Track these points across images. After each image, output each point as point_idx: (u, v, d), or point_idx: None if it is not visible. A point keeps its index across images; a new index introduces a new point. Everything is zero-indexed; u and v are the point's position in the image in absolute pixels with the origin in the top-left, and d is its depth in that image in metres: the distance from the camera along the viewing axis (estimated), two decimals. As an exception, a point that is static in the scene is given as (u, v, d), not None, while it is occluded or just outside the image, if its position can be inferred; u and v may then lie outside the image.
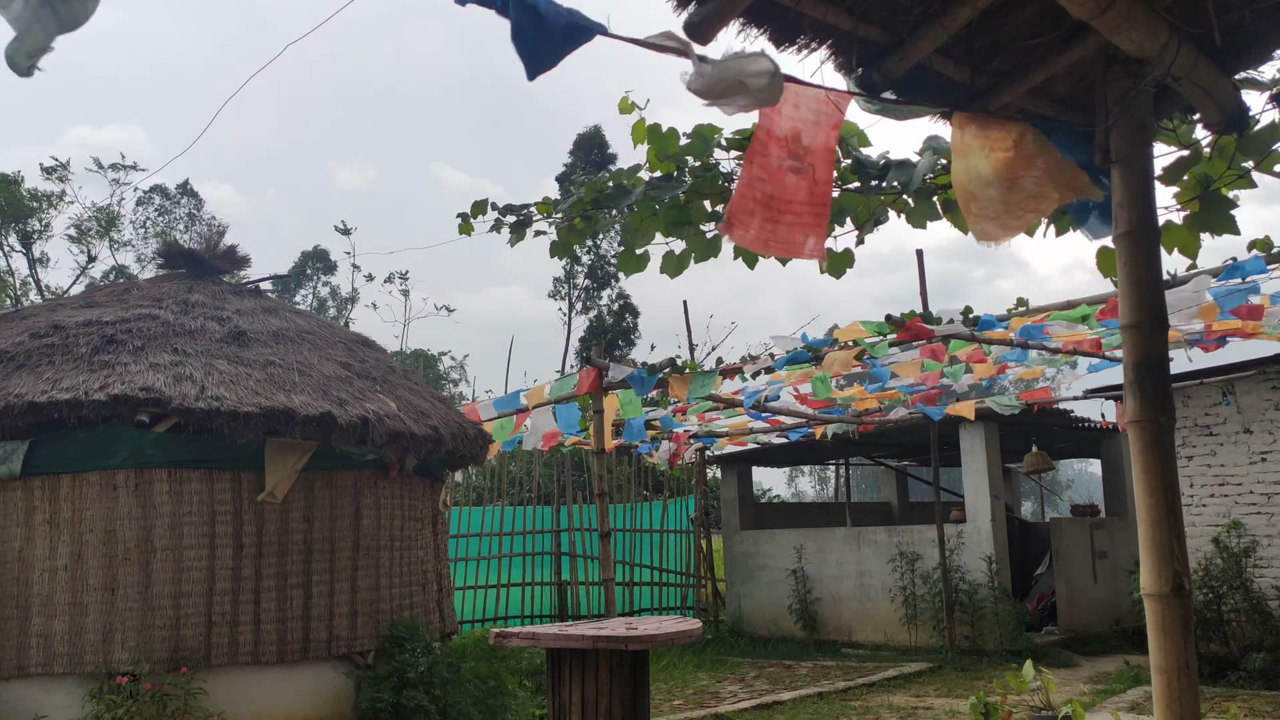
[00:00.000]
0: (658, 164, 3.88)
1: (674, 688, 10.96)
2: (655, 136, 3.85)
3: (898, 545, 13.71)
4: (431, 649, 7.85)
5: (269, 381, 7.67)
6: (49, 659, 7.04)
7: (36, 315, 8.34)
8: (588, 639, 5.20)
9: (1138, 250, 3.18)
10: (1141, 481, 3.07)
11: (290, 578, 7.58)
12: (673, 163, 3.85)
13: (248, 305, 8.92)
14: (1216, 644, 10.30)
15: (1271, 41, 3.23)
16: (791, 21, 2.98)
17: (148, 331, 7.92)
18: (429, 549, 8.86)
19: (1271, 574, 10.35)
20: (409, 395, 8.54)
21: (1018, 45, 3.13)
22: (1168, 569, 3.00)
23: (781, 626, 14.74)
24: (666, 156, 3.85)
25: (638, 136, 3.87)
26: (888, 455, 18.37)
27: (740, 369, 9.67)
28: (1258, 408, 10.63)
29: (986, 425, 13.02)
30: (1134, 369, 3.13)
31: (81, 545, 7.19)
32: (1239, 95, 3.37)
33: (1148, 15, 2.79)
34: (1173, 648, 3.00)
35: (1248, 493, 10.67)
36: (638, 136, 3.87)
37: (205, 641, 7.23)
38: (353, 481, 7.97)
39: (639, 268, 4.13)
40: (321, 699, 7.63)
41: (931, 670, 11.45)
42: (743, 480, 16.27)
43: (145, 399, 7.09)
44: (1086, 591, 13.68)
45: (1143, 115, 3.21)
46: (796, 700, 9.76)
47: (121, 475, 7.27)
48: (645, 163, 3.93)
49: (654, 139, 3.85)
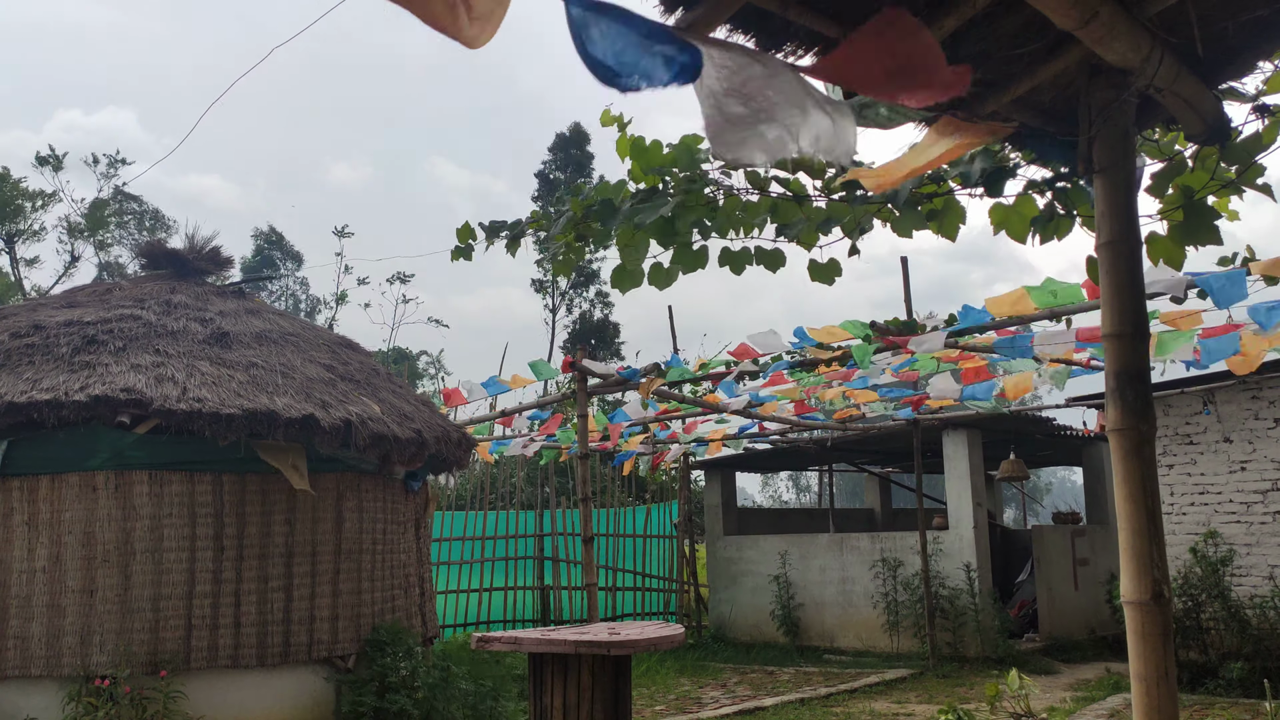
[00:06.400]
0: (642, 177, 3.88)
1: (656, 693, 10.94)
2: (639, 151, 3.84)
3: (880, 552, 13.74)
4: (414, 653, 7.82)
5: (251, 383, 7.64)
6: (26, 661, 6.98)
7: (17, 315, 8.28)
8: (570, 644, 5.19)
9: (1119, 260, 3.19)
10: (1122, 489, 3.09)
11: (271, 581, 7.54)
12: (657, 176, 3.85)
13: (231, 306, 8.88)
14: (1196, 652, 10.36)
15: (1254, 53, 3.26)
16: (778, 27, 2.98)
17: (129, 332, 7.88)
18: (411, 553, 8.83)
19: (1250, 582, 10.41)
20: (392, 398, 8.51)
21: (1002, 55, 3.15)
22: (1148, 577, 3.02)
23: (764, 632, 14.75)
24: (651, 170, 3.84)
25: (622, 151, 3.87)
26: (871, 461, 18.42)
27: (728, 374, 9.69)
28: (1238, 417, 10.70)
29: (969, 432, 13.07)
30: (1115, 377, 3.15)
31: (60, 547, 7.13)
32: (1221, 106, 3.40)
33: (1131, 27, 2.81)
34: (1152, 655, 3.01)
35: (1227, 501, 10.74)
36: (622, 151, 3.87)
37: (185, 644, 7.18)
38: (335, 484, 7.94)
39: (634, 284, 4.11)
40: (301, 703, 7.59)
41: (913, 677, 11.47)
42: (726, 485, 16.28)
43: (126, 400, 7.05)
44: (1068, 599, 13.74)
45: (1125, 126, 3.23)
46: (779, 706, 9.76)
47: (101, 476, 7.22)
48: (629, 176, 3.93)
49: (637, 154, 3.84)
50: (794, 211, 3.95)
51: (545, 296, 39.09)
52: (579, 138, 38.32)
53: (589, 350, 24.34)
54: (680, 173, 3.86)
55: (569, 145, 38.34)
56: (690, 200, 3.82)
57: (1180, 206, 3.68)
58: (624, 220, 3.82)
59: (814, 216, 3.97)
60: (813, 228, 3.98)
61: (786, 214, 3.96)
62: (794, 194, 3.94)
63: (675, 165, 3.84)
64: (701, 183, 3.84)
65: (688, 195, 3.81)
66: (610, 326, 38.05)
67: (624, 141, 3.86)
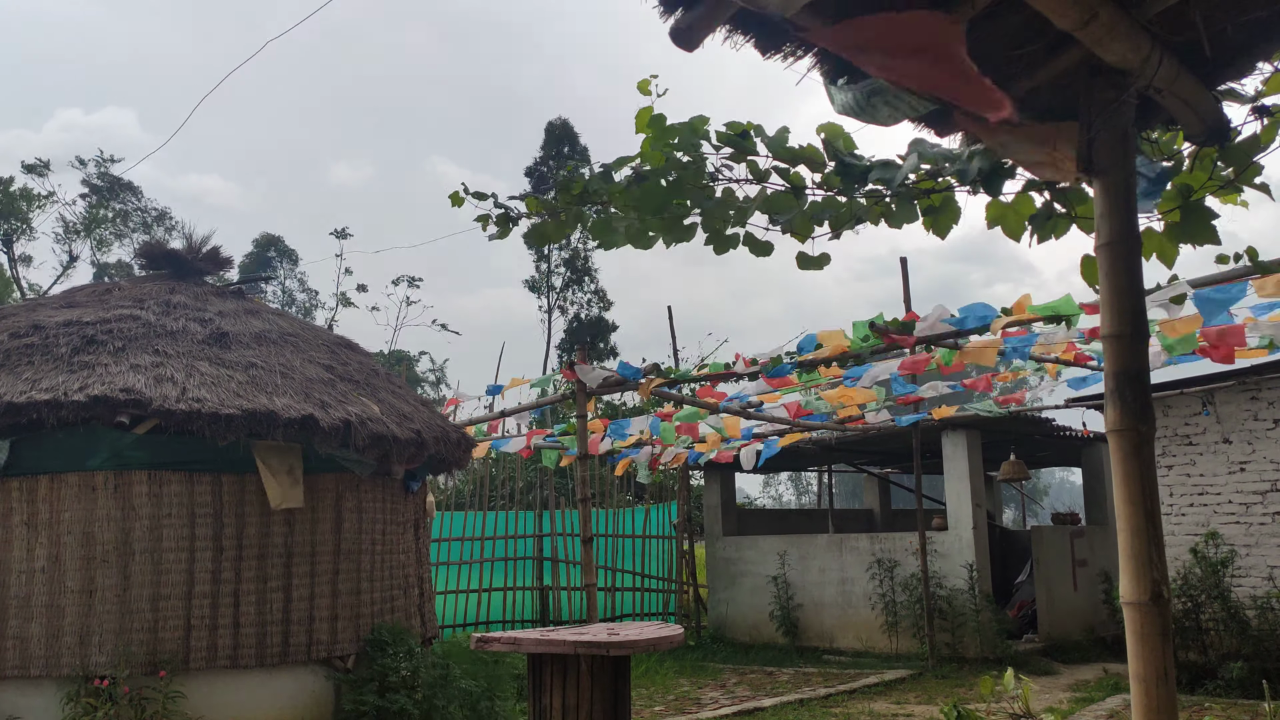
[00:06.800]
0: (650, 155, 3.83)
1: (655, 693, 10.94)
2: (658, 125, 3.78)
3: (879, 552, 13.74)
4: (414, 653, 7.82)
5: (251, 383, 7.64)
6: (26, 661, 6.98)
7: (16, 315, 8.28)
8: (569, 644, 5.20)
9: (1119, 261, 3.19)
10: (1121, 490, 3.09)
11: (270, 581, 7.53)
12: (662, 155, 3.81)
13: (230, 307, 8.88)
14: (1195, 653, 10.35)
15: (1253, 54, 3.26)
16: (776, 29, 2.98)
17: (129, 332, 7.87)
18: (411, 553, 8.82)
19: (1249, 583, 10.41)
20: (392, 398, 8.51)
21: (1002, 56, 3.15)
22: (1147, 578, 3.02)
23: (763, 633, 14.75)
24: (660, 146, 3.79)
25: (641, 123, 3.80)
26: (870, 462, 18.42)
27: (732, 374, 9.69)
28: (1237, 418, 10.71)
29: (969, 433, 13.07)
30: (1115, 378, 3.15)
31: (59, 547, 7.13)
32: (1220, 107, 3.40)
33: (1131, 27, 2.81)
34: (1151, 656, 3.01)
35: (1226, 502, 10.74)
36: (641, 123, 3.80)
37: (184, 645, 7.18)
38: (334, 485, 7.93)
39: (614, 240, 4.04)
40: (301, 703, 7.59)
41: (912, 677, 11.47)
42: (726, 486, 16.28)
43: (125, 400, 7.04)
44: (1067, 599, 13.74)
45: (1125, 126, 3.23)
46: (778, 707, 9.76)
47: (101, 477, 7.22)
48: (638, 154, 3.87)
49: (656, 125, 3.78)
50: (790, 203, 3.93)
51: (540, 296, 39.04)
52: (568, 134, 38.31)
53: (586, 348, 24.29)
54: (683, 155, 3.83)
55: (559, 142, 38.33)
56: (687, 178, 3.79)
57: (1178, 207, 3.68)
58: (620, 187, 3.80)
59: (810, 209, 3.96)
60: (807, 219, 3.97)
61: (782, 205, 3.94)
62: (792, 185, 3.92)
63: (680, 148, 3.81)
64: (701, 165, 3.81)
65: (685, 174, 3.78)
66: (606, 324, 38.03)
67: (645, 113, 3.78)
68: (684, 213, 3.91)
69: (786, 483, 66.30)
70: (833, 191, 3.93)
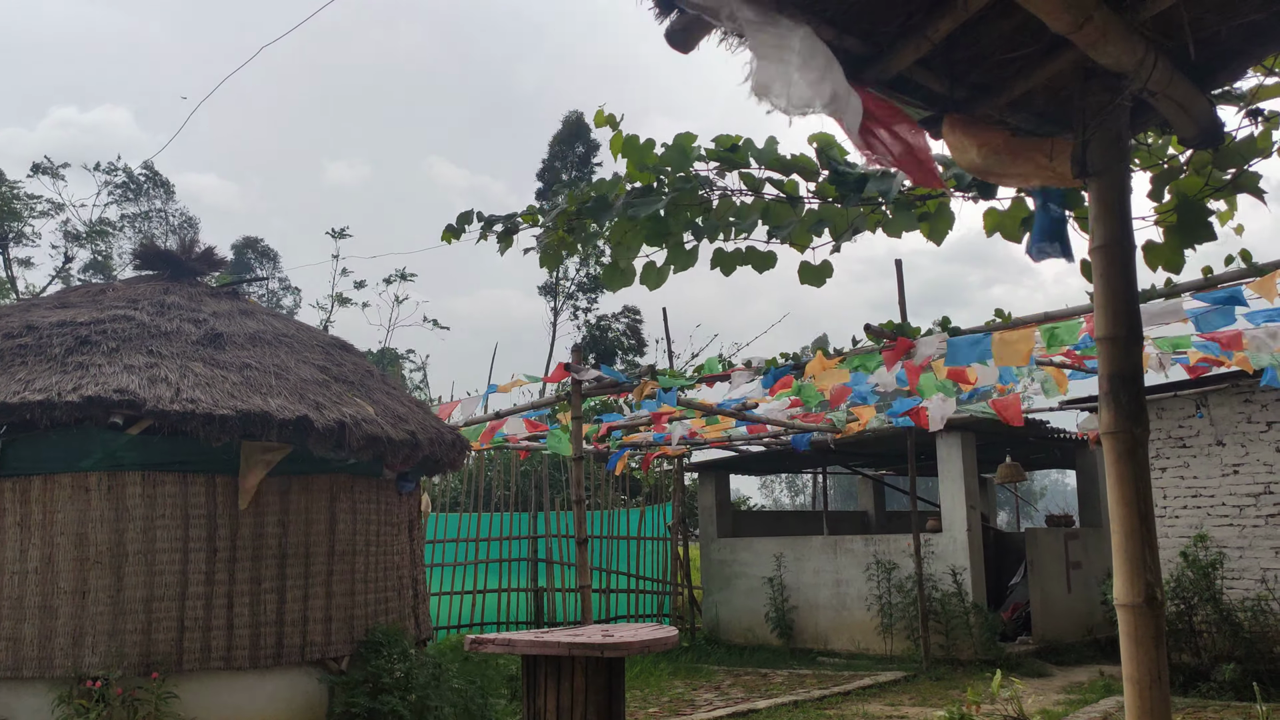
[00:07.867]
0: (637, 175, 3.88)
1: (649, 695, 10.94)
2: (632, 149, 3.84)
3: (874, 554, 13.75)
4: (408, 655, 7.81)
5: (245, 384, 7.62)
6: (18, 662, 6.96)
7: (10, 315, 8.26)
8: (563, 646, 5.19)
9: (1113, 263, 3.20)
10: (1115, 492, 3.09)
11: (264, 582, 7.52)
12: (651, 174, 3.85)
13: (224, 307, 8.86)
14: (1188, 655, 10.38)
15: (1247, 57, 3.27)
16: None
17: (122, 333, 7.86)
18: (405, 554, 8.81)
19: (1242, 585, 10.44)
20: (386, 400, 8.50)
21: (997, 58, 3.15)
22: (1140, 580, 3.02)
23: (758, 634, 14.75)
24: (644, 167, 3.84)
25: (615, 149, 3.87)
26: (865, 464, 18.44)
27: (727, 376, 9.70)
28: (1230, 420, 10.73)
29: (963, 435, 13.08)
30: (1109, 380, 3.15)
31: (52, 548, 7.11)
32: (1214, 110, 3.41)
33: (1125, 30, 2.82)
34: (1145, 658, 3.01)
35: (1220, 505, 10.77)
36: (615, 149, 3.87)
37: (177, 646, 7.16)
38: (328, 486, 7.92)
39: (625, 282, 4.11)
40: (294, 704, 7.57)
41: (906, 679, 11.48)
42: (720, 487, 16.28)
43: (119, 401, 7.03)
44: (1061, 601, 13.76)
45: (1119, 129, 3.24)
46: (772, 709, 9.76)
47: (94, 477, 7.20)
48: (625, 176, 3.93)
49: (630, 151, 3.84)
50: (787, 213, 3.95)
51: (551, 300, 38.63)
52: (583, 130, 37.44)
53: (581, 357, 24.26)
54: (675, 172, 3.86)
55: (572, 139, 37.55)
56: (683, 199, 3.82)
57: (1175, 209, 3.69)
58: (617, 214, 3.83)
59: (806, 219, 3.98)
60: (805, 229, 3.98)
61: (779, 215, 3.96)
62: (787, 195, 3.94)
63: (669, 165, 3.84)
64: (695, 183, 3.84)
65: (680, 194, 3.81)
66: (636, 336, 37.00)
67: (618, 140, 3.86)
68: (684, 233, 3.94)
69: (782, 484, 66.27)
70: (829, 200, 3.94)
